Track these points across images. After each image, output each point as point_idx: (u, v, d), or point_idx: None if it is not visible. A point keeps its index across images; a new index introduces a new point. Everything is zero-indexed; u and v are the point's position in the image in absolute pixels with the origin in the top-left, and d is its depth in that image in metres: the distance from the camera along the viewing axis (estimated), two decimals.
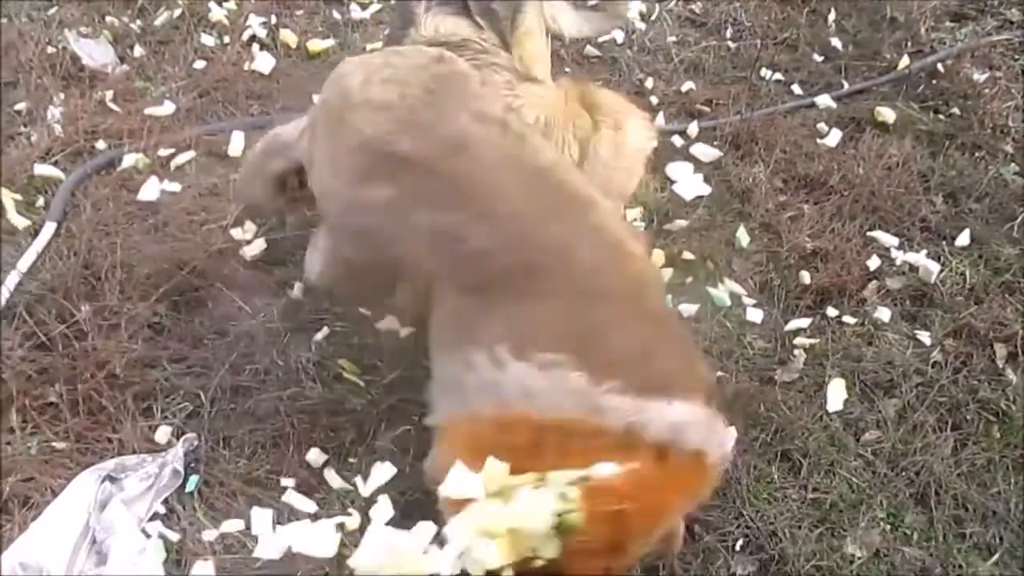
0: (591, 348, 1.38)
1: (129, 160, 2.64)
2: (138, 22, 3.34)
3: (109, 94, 2.92)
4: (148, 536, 1.79)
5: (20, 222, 2.45)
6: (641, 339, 1.43)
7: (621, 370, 1.36)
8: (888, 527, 1.84)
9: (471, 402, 1.47)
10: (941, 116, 2.99)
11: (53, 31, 3.25)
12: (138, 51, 3.20)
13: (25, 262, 2.28)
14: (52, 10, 3.41)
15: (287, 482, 1.92)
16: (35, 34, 3.23)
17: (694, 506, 1.56)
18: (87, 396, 2.04)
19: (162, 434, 1.98)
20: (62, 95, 2.98)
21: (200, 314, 2.28)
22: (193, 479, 1.88)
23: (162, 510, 1.85)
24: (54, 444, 1.95)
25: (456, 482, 1.31)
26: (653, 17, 3.50)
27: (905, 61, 3.18)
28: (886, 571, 1.79)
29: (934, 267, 2.36)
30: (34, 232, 2.42)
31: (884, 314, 2.28)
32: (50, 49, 3.19)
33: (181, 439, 1.96)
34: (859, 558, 1.80)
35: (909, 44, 3.31)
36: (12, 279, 2.21)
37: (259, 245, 2.45)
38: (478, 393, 1.45)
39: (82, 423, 1.99)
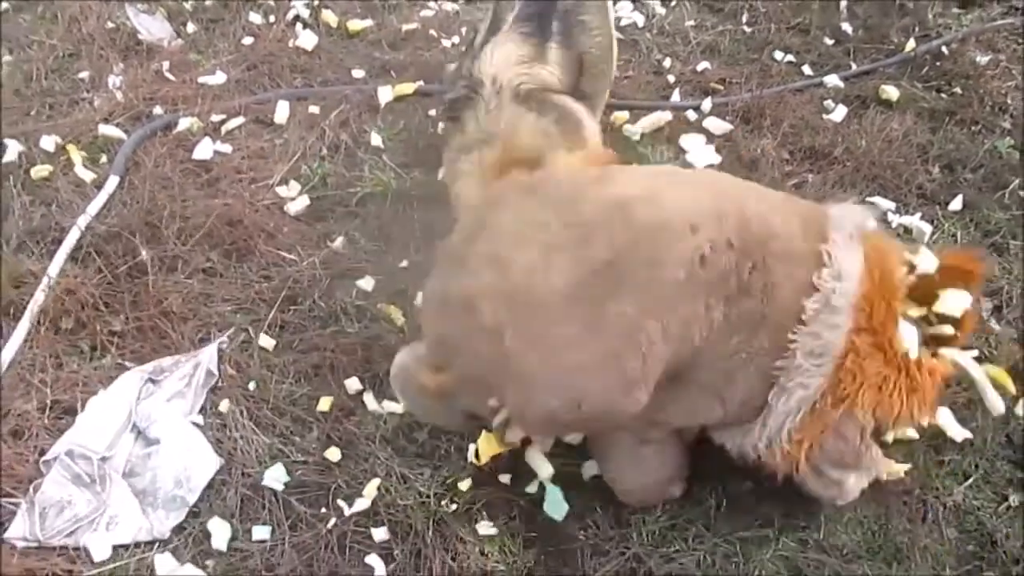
0: None
1: (184, 123, 2.88)
2: (190, 1, 3.58)
3: (166, 65, 3.16)
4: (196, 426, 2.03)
5: (86, 175, 2.70)
6: None
7: None
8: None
9: None
10: (943, 95, 3.15)
11: (112, 7, 3.50)
12: (191, 27, 3.45)
13: (93, 208, 2.51)
14: None
15: (324, 403, 2.13)
16: (95, 9, 3.48)
17: None
18: (149, 326, 2.27)
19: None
20: (122, 65, 3.23)
21: (248, 261, 2.50)
22: None
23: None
24: (120, 362, 2.17)
25: None
26: (673, 3, 3.70)
27: (911, 44, 3.33)
28: (874, 488, 1.94)
29: (927, 228, 2.53)
30: (99, 185, 2.66)
31: None
32: (109, 24, 3.43)
33: (215, 340, 2.18)
34: None
35: (916, 29, 3.46)
36: (83, 221, 2.44)
37: (303, 202, 2.67)
38: None
39: (145, 347, 2.21)
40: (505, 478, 1.97)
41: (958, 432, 2.04)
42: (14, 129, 2.89)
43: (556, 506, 1.86)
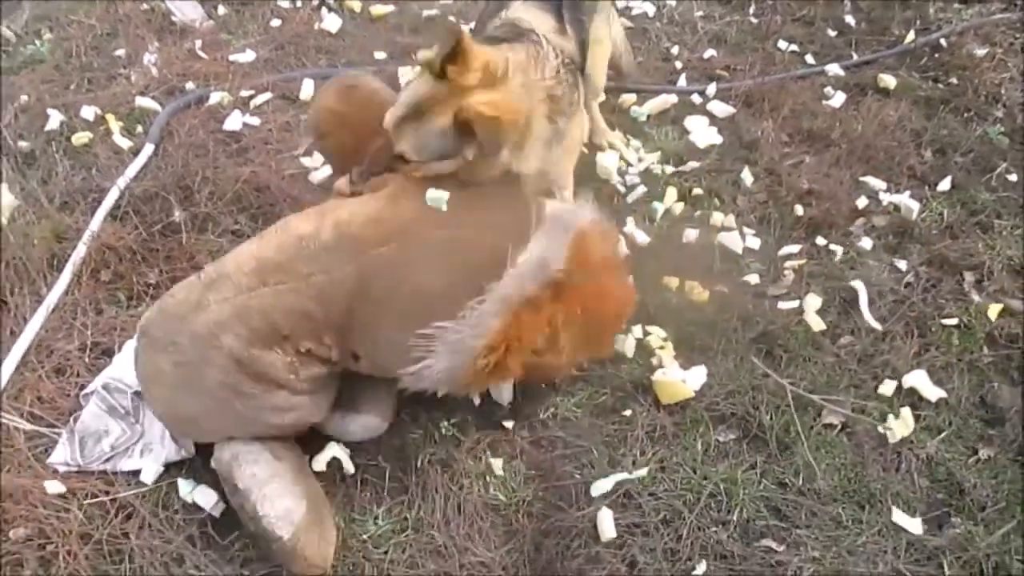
0: None
1: (216, 97, 3.05)
2: None
3: (198, 43, 3.34)
4: None
5: (124, 143, 2.87)
6: None
7: None
8: (852, 409, 2.14)
9: None
10: (939, 84, 3.27)
11: None
12: (222, 10, 3.63)
13: (131, 171, 2.69)
14: None
15: None
16: None
17: None
18: (179, 279, 2.42)
19: None
20: (156, 44, 3.41)
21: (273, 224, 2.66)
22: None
23: None
24: None
25: None
26: None
27: (911, 36, 3.46)
28: (852, 440, 2.09)
29: (915, 205, 2.65)
30: (135, 151, 2.83)
31: (867, 244, 2.59)
32: (144, 6, 3.62)
33: None
34: (834, 426, 2.11)
35: (918, 22, 3.59)
36: (121, 182, 2.62)
37: (326, 171, 2.83)
38: None
39: None
40: (508, 424, 2.12)
41: (932, 392, 2.18)
42: (56, 100, 3.08)
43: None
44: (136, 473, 2.01)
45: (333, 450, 2.03)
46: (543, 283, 1.79)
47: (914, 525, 1.93)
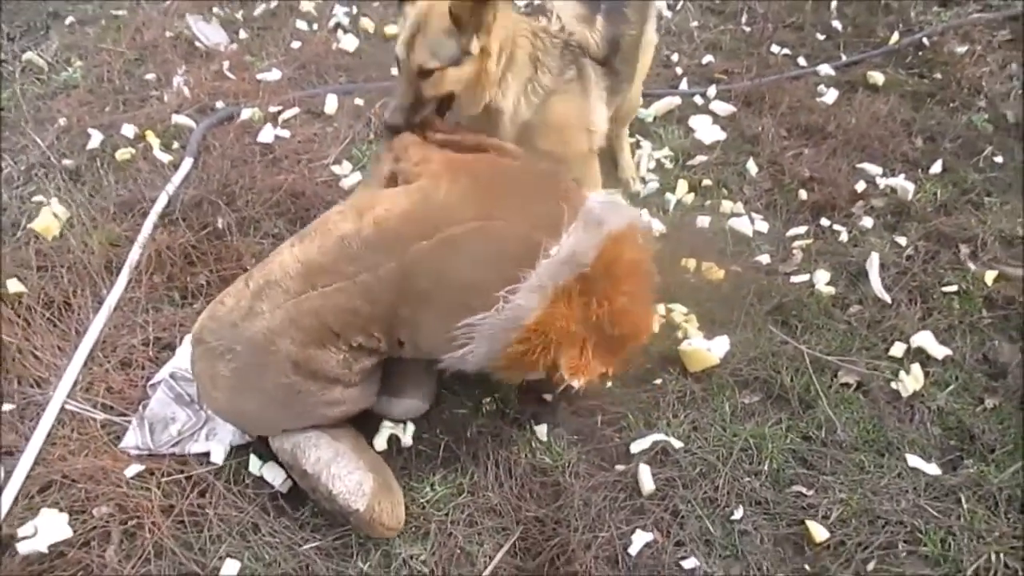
0: None
1: (247, 113, 3.23)
2: (241, 12, 3.96)
3: (226, 64, 3.52)
4: None
5: (164, 157, 3.04)
6: None
7: None
8: (865, 367, 2.32)
9: None
10: (925, 79, 3.50)
11: (171, 18, 3.88)
12: (243, 34, 3.82)
13: (175, 181, 2.85)
14: (166, 3, 4.05)
15: None
16: (156, 20, 3.86)
17: None
18: (231, 278, 2.58)
19: None
20: (184, 67, 3.59)
21: None
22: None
23: None
24: None
25: None
26: (678, 6, 4.08)
27: (896, 37, 3.70)
28: (868, 396, 2.26)
29: (910, 187, 2.85)
30: (175, 165, 3.00)
31: (868, 223, 2.78)
32: (168, 33, 3.81)
33: None
34: (850, 385, 2.28)
35: (900, 25, 3.83)
36: (168, 190, 2.78)
37: (356, 177, 3.01)
38: None
39: None
40: (548, 397, 2.28)
41: (939, 351, 2.35)
42: (94, 121, 3.24)
43: None
44: (205, 455, 2.14)
45: (389, 428, 2.18)
46: (573, 275, 1.85)
47: (931, 468, 2.09)
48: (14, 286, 2.44)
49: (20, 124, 3.28)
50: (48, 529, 1.94)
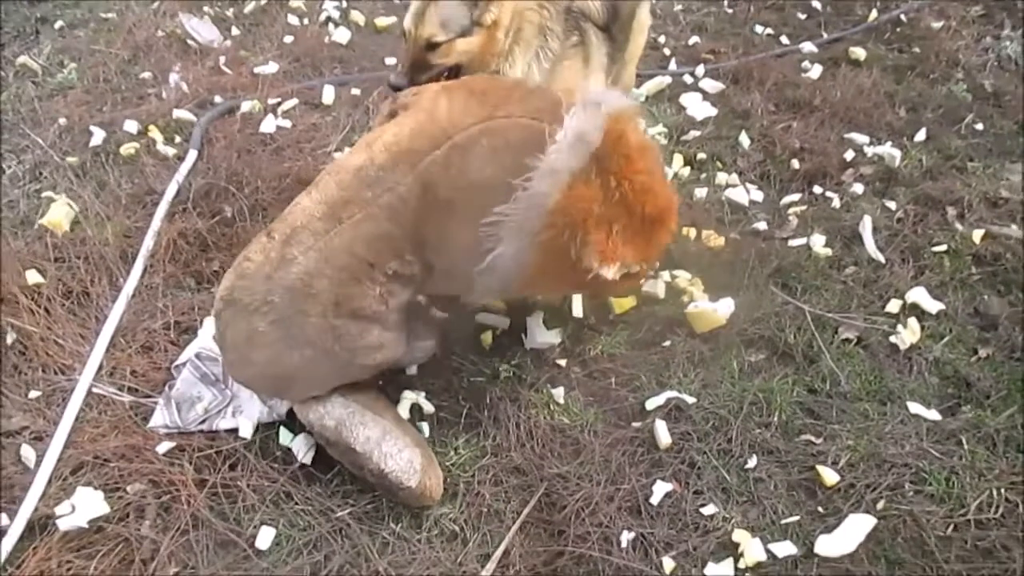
0: None
1: (247, 106, 3.28)
2: (232, 10, 4.01)
3: (222, 60, 3.57)
4: None
5: (168, 151, 3.09)
6: None
7: None
8: (864, 322, 2.42)
9: None
10: (904, 54, 3.63)
11: (162, 18, 3.92)
12: (235, 31, 3.87)
13: (182, 172, 2.90)
14: (155, 4, 4.09)
15: None
16: (147, 20, 3.91)
17: None
18: None
19: None
20: (179, 64, 3.63)
21: None
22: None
23: None
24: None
25: None
26: None
27: (874, 15, 3.82)
28: (867, 350, 2.36)
29: (897, 154, 2.97)
30: (180, 158, 3.05)
31: (859, 189, 2.89)
32: (160, 33, 3.85)
33: None
34: (850, 340, 2.38)
35: (878, 3, 3.96)
36: (180, 177, 2.83)
37: None
38: None
39: None
40: (562, 362, 2.36)
41: (933, 305, 2.46)
42: (95, 119, 3.28)
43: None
44: (233, 431, 2.20)
45: (410, 399, 2.25)
46: (584, 157, 1.84)
47: (931, 414, 2.19)
48: (33, 277, 2.48)
49: (19, 126, 3.31)
50: (86, 506, 1.98)
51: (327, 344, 1.97)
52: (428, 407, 2.24)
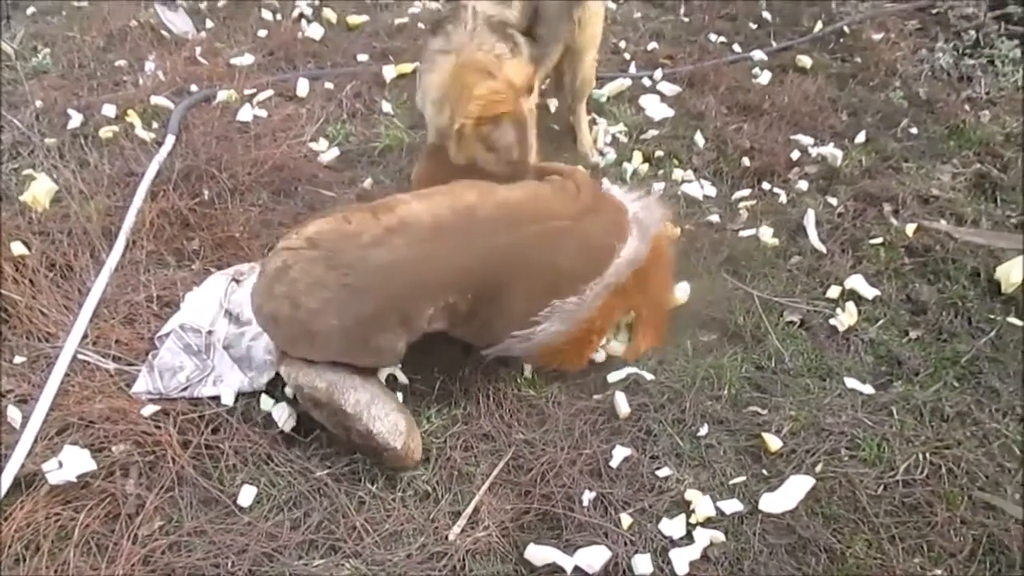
0: None
1: (223, 95, 3.38)
2: (205, 3, 4.10)
3: (197, 51, 3.66)
4: None
5: (146, 135, 3.17)
6: None
7: None
8: (807, 306, 2.62)
9: None
10: (847, 63, 3.88)
11: (133, 7, 3.99)
12: (209, 24, 3.96)
13: (162, 155, 3.00)
14: None
15: None
16: (120, 10, 3.98)
17: None
18: (224, 242, 2.75)
19: None
20: (154, 53, 3.71)
21: (295, 197, 3.01)
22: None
23: None
24: (206, 268, 2.65)
25: None
26: (622, 0, 4.37)
27: (820, 26, 4.07)
28: (809, 331, 2.56)
29: (839, 154, 3.19)
30: (159, 143, 3.14)
31: (803, 186, 3.10)
32: (133, 22, 3.92)
33: None
34: (794, 322, 2.58)
35: (823, 15, 4.21)
36: (157, 162, 2.92)
37: (333, 153, 3.20)
38: None
39: (224, 258, 2.70)
40: None
41: (869, 291, 2.67)
42: (72, 103, 3.35)
43: None
44: (215, 398, 2.30)
45: (386, 370, 2.37)
46: (630, 272, 2.27)
47: (866, 388, 2.39)
48: (18, 248, 2.55)
49: None
50: (73, 462, 2.06)
51: (369, 330, 2.09)
52: (403, 378, 2.37)
